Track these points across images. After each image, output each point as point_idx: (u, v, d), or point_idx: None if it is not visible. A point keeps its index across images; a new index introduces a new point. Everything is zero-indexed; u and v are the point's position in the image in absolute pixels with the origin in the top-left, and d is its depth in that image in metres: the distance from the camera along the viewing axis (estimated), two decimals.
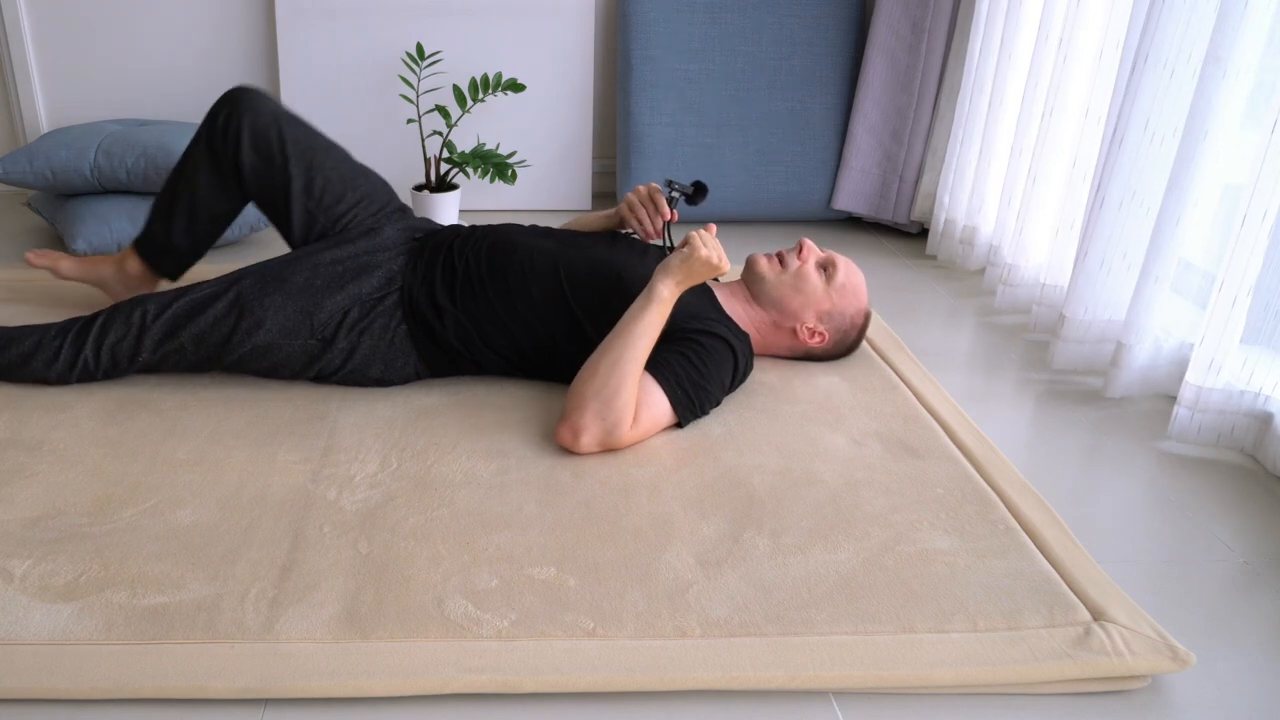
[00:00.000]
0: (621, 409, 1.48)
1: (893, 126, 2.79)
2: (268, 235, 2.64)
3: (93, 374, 1.65)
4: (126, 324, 1.62)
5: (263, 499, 1.36)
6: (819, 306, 1.77)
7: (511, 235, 1.73)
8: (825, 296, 1.77)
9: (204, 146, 1.79)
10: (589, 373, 1.51)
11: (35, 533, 1.27)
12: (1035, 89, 2.19)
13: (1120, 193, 1.82)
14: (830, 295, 1.77)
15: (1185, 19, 1.68)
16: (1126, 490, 1.53)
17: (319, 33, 2.78)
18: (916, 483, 1.48)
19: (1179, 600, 1.27)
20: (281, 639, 1.10)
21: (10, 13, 2.73)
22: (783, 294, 1.75)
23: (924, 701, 1.09)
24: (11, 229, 2.61)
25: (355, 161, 1.85)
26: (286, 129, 1.77)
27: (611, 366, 1.49)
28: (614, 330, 1.54)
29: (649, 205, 1.75)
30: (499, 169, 2.59)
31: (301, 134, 1.79)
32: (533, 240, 1.73)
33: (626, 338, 1.51)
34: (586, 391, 1.49)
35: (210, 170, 1.79)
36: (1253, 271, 1.57)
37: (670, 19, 2.79)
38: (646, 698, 1.07)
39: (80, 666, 1.05)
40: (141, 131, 2.44)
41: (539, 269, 1.67)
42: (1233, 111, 1.64)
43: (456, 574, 1.22)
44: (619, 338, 1.52)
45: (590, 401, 1.48)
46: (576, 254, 1.69)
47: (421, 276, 1.69)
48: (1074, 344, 1.93)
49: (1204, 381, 1.65)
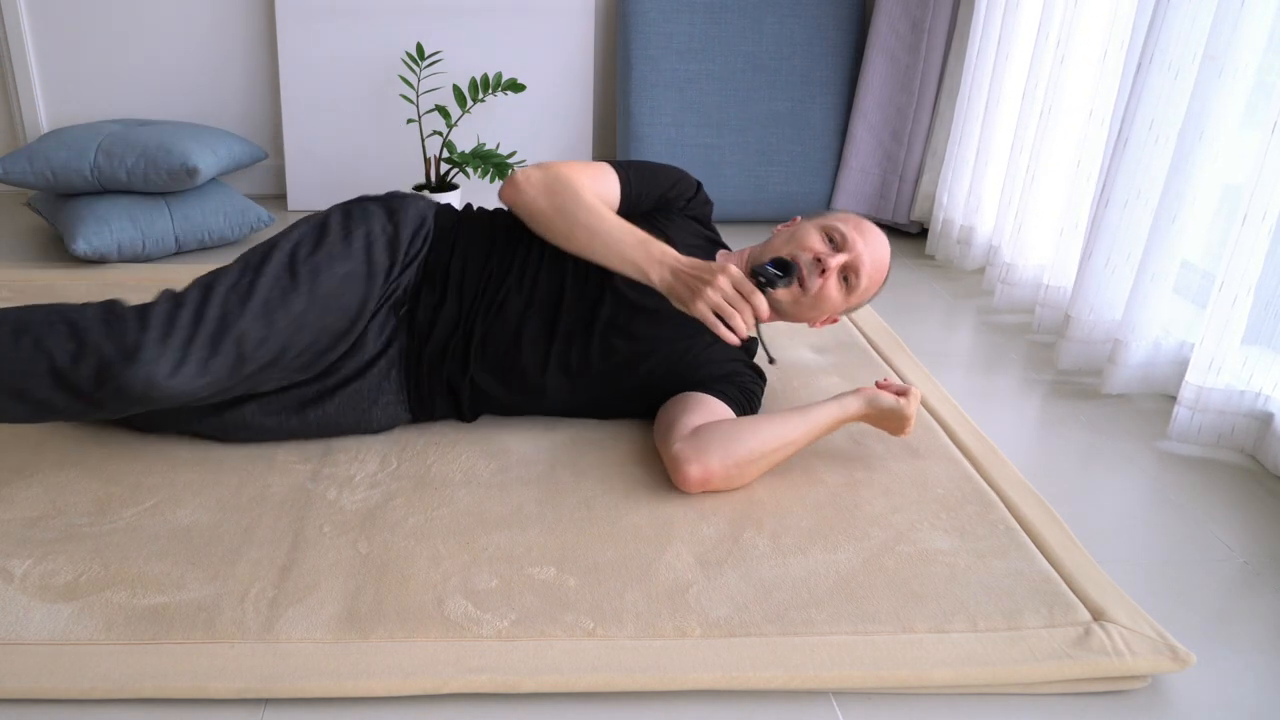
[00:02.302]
0: (749, 477, 1.43)
1: (893, 126, 2.79)
2: (268, 235, 2.64)
3: None
4: None
5: (263, 499, 1.36)
6: (835, 311, 1.62)
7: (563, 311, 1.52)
8: (843, 303, 1.59)
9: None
10: (741, 432, 1.42)
11: (35, 533, 1.27)
12: (1034, 89, 2.19)
13: (1125, 193, 1.82)
14: (849, 301, 1.59)
15: (1189, 19, 1.68)
16: (1126, 490, 1.53)
17: (319, 33, 2.78)
18: (916, 483, 1.47)
19: (1179, 600, 1.27)
20: (281, 639, 1.10)
21: (10, 13, 2.73)
22: (799, 313, 1.56)
23: (924, 701, 1.09)
24: (11, 229, 2.61)
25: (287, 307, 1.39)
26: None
27: (767, 444, 1.42)
28: (789, 417, 1.45)
29: (742, 306, 1.35)
30: (499, 169, 2.58)
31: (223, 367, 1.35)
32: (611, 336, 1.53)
33: (795, 433, 1.44)
34: (735, 450, 1.40)
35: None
36: (1253, 271, 1.57)
37: (670, 19, 2.79)
38: (646, 698, 1.07)
39: (80, 666, 1.05)
40: (141, 131, 2.44)
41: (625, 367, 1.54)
42: (1234, 111, 1.64)
43: (456, 574, 1.22)
44: (789, 428, 1.44)
45: (734, 465, 1.40)
46: (658, 363, 1.55)
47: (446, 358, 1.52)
48: (1079, 344, 1.93)
49: (1204, 381, 1.65)
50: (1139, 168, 1.80)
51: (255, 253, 1.43)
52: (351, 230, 1.47)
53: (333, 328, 1.43)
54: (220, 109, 2.91)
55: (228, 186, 2.57)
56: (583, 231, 1.44)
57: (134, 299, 2.07)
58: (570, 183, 1.47)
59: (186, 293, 1.35)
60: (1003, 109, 2.34)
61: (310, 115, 2.83)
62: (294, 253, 1.42)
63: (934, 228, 2.63)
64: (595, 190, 1.50)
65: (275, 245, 1.44)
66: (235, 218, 2.48)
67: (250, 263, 1.41)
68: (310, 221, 1.49)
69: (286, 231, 1.48)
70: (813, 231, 1.53)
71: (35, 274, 2.23)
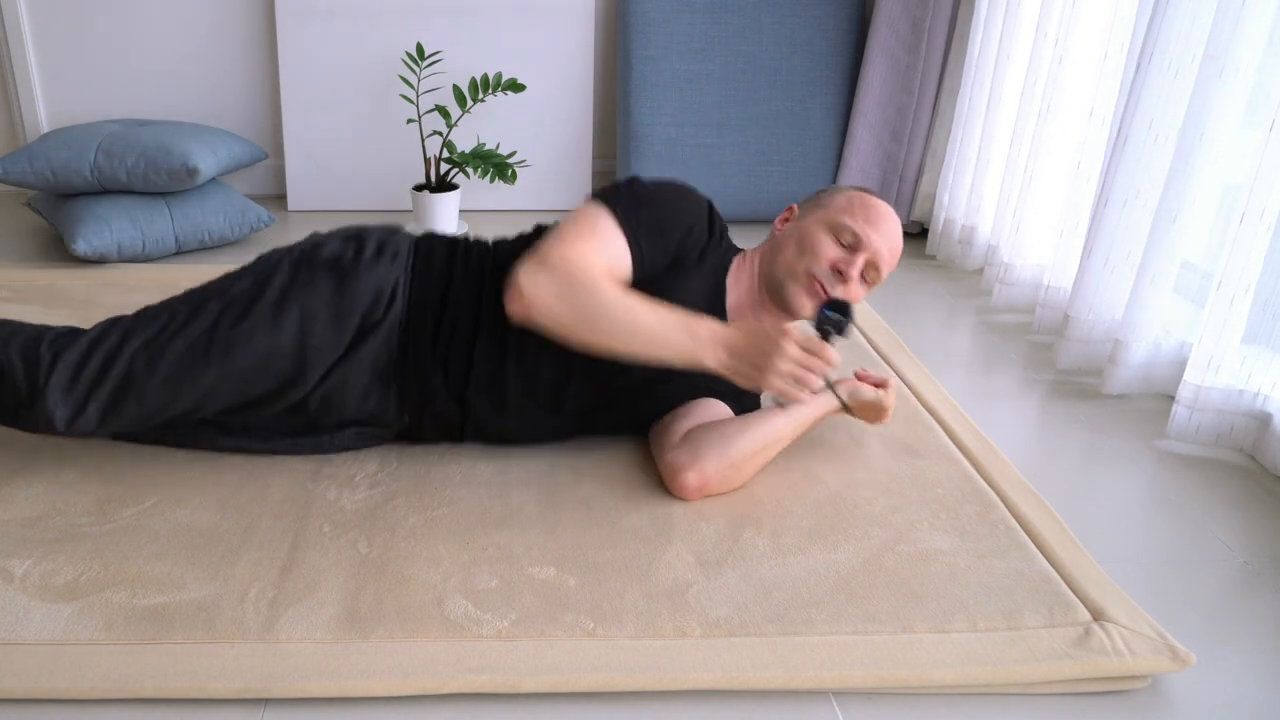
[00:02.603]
0: (744, 477, 1.41)
1: (893, 126, 2.79)
2: (268, 235, 2.64)
3: None
4: None
5: (263, 499, 1.36)
6: None
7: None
8: (862, 297, 1.50)
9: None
10: (732, 433, 1.38)
11: (35, 533, 1.27)
12: (1034, 89, 2.19)
13: (1124, 193, 1.82)
14: (868, 291, 1.50)
15: (1189, 19, 1.68)
16: (1126, 490, 1.53)
17: (319, 33, 2.78)
18: (916, 483, 1.47)
19: (1179, 600, 1.27)
20: (281, 639, 1.10)
21: (10, 13, 2.73)
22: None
23: (924, 701, 1.09)
24: (11, 229, 2.61)
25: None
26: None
27: (758, 442, 1.39)
28: (776, 414, 1.40)
29: (815, 364, 1.26)
30: (499, 169, 2.59)
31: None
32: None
33: (784, 430, 1.41)
34: (729, 452, 1.37)
35: None
36: (1251, 271, 1.57)
37: (670, 19, 2.79)
38: (646, 698, 1.07)
39: (80, 666, 1.05)
40: (141, 131, 2.44)
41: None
42: (1234, 111, 1.64)
43: (456, 574, 1.22)
44: (778, 425, 1.40)
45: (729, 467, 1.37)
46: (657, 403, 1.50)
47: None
48: (1079, 344, 1.93)
49: (1203, 381, 1.65)
50: (1138, 167, 1.80)
51: (193, 296, 1.36)
52: (287, 302, 1.33)
53: (264, 387, 1.35)
54: (220, 109, 2.91)
55: (228, 186, 2.57)
56: (618, 335, 1.27)
57: (133, 299, 2.07)
58: (585, 279, 1.27)
59: (106, 334, 1.31)
60: (1003, 108, 2.34)
61: (310, 115, 2.83)
62: (219, 318, 1.32)
63: (934, 227, 2.63)
64: (608, 270, 1.31)
65: (211, 295, 1.35)
66: (235, 218, 2.48)
67: (177, 314, 1.33)
68: (257, 271, 1.38)
69: (236, 275, 1.38)
70: (822, 236, 1.43)
71: (35, 274, 2.23)
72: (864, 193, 1.48)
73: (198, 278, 2.24)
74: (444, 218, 2.64)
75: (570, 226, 1.33)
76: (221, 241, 2.49)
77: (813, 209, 1.50)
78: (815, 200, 1.52)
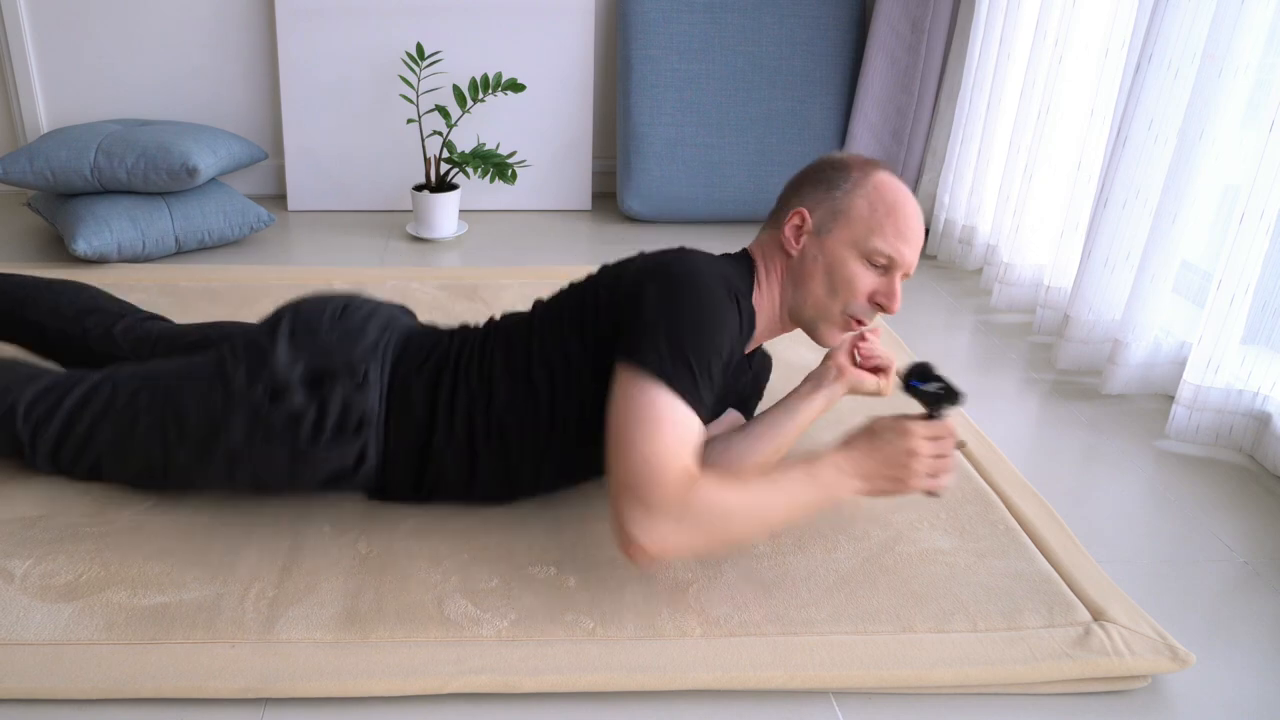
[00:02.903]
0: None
1: (893, 126, 2.79)
2: (268, 235, 2.64)
3: None
4: None
5: (263, 499, 1.36)
6: None
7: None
8: None
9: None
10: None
11: (35, 533, 1.27)
12: (1034, 89, 2.19)
13: (1124, 192, 1.82)
14: None
15: (1189, 18, 1.68)
16: (1126, 490, 1.53)
17: (319, 33, 2.78)
18: None
19: (1179, 600, 1.27)
20: (282, 639, 1.10)
21: (10, 13, 2.73)
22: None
23: (924, 701, 1.09)
24: (11, 229, 2.61)
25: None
26: None
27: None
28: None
29: (946, 450, 1.20)
30: (499, 169, 2.59)
31: None
32: None
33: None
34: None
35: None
36: (1251, 271, 1.57)
37: (670, 19, 2.79)
38: (646, 698, 1.07)
39: (81, 666, 1.05)
40: (141, 131, 2.44)
41: None
42: (1234, 111, 1.64)
43: (456, 573, 1.22)
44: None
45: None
46: None
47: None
48: (1079, 344, 1.93)
49: (1202, 380, 1.65)
50: (1138, 167, 1.79)
51: (155, 399, 1.28)
52: (240, 463, 1.26)
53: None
54: (220, 109, 2.91)
55: (228, 186, 2.57)
56: (756, 530, 1.17)
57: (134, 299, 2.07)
58: (697, 503, 1.07)
59: (79, 416, 1.29)
60: (1003, 108, 2.34)
61: (310, 115, 2.83)
62: (176, 449, 1.27)
63: (935, 228, 2.63)
64: (695, 450, 1.11)
65: (170, 407, 1.26)
66: (235, 218, 2.49)
67: (137, 423, 1.28)
68: (209, 408, 1.25)
69: (196, 380, 1.28)
70: (854, 267, 1.27)
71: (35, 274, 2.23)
72: (882, 180, 1.29)
73: (198, 278, 2.25)
74: (444, 218, 2.64)
75: (637, 430, 1.09)
76: (222, 241, 2.49)
77: (831, 219, 1.29)
78: (828, 198, 1.29)
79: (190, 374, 1.30)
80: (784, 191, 1.38)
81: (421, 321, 1.46)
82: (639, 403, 1.10)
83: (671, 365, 1.11)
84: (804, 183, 1.34)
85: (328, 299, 1.37)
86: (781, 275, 1.33)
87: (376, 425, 1.27)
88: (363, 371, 1.27)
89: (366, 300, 1.39)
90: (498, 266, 2.45)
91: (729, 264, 1.30)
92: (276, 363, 1.25)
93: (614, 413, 1.12)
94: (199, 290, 2.17)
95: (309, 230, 2.72)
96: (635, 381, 1.11)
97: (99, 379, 1.32)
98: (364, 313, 1.34)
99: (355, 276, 2.29)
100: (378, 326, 1.33)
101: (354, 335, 1.30)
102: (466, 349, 1.31)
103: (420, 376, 1.29)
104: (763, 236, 1.36)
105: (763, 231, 1.38)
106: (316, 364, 1.26)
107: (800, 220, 1.30)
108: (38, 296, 1.59)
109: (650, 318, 1.14)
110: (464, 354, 1.31)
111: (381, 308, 1.38)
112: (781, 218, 1.33)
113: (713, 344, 1.14)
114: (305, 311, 1.33)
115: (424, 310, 2.10)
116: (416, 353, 1.32)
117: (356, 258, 2.49)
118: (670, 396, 1.10)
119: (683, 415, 1.10)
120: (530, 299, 2.16)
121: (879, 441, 1.17)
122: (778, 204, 1.37)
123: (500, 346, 1.29)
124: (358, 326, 1.31)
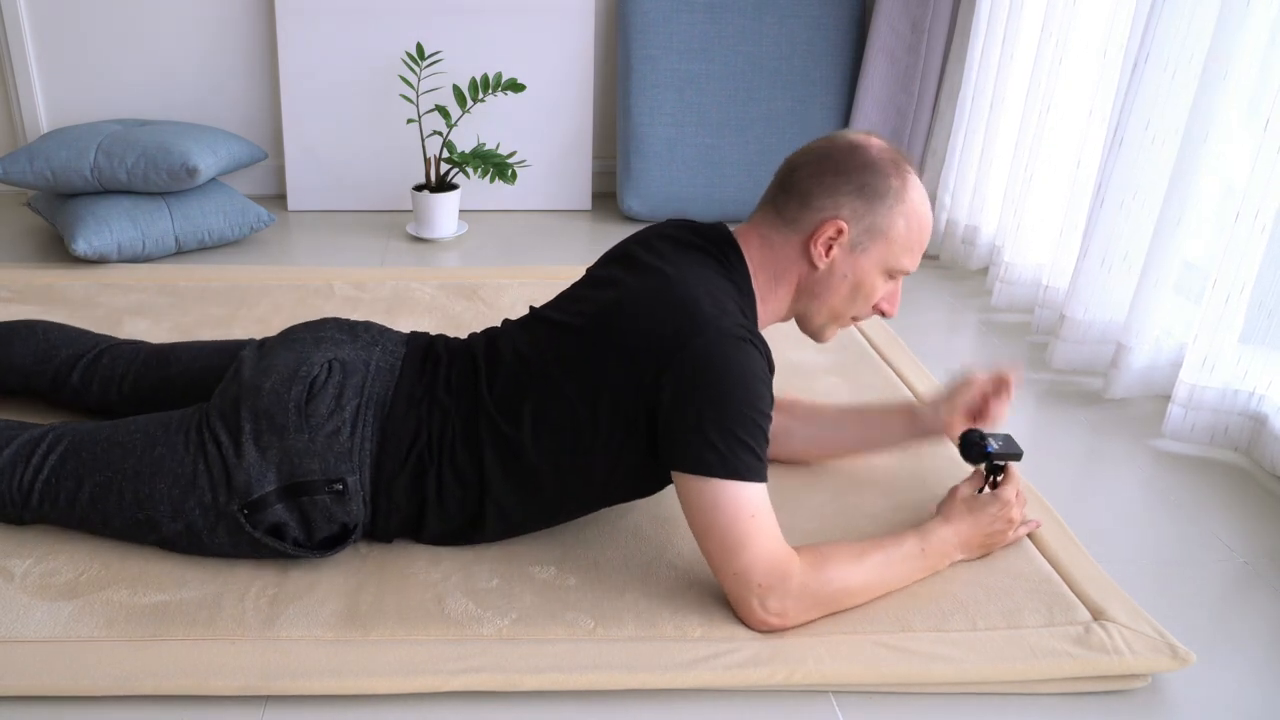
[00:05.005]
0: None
1: (893, 126, 2.79)
2: (268, 235, 2.64)
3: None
4: None
5: None
6: None
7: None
8: None
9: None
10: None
11: (35, 533, 1.27)
12: (1034, 88, 2.19)
13: (1121, 193, 1.82)
14: None
15: (1186, 19, 1.68)
16: (1125, 490, 1.53)
17: (319, 33, 2.78)
18: (916, 483, 1.48)
19: (1179, 600, 1.27)
20: (282, 636, 1.10)
21: (10, 13, 2.73)
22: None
23: (924, 701, 1.09)
24: (11, 229, 2.61)
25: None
26: None
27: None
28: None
29: (1023, 502, 1.33)
30: (499, 169, 2.59)
31: None
32: None
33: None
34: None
35: None
36: (1248, 271, 1.58)
37: (670, 19, 2.79)
38: (646, 697, 1.07)
39: (81, 663, 1.05)
40: (141, 131, 2.45)
41: None
42: (1232, 112, 1.64)
43: (457, 572, 1.22)
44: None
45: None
46: None
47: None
48: (1074, 344, 1.93)
49: (1198, 380, 1.65)
50: (1135, 167, 1.80)
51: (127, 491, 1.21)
52: (219, 554, 1.23)
53: None
54: (220, 109, 2.91)
55: (228, 186, 2.57)
56: (873, 598, 1.20)
57: (133, 299, 2.07)
58: (810, 585, 1.13)
59: (60, 489, 1.22)
60: (1004, 108, 2.34)
61: (310, 115, 2.83)
62: (146, 533, 1.23)
63: (937, 228, 2.63)
64: (775, 519, 1.14)
65: (142, 502, 1.20)
66: (235, 218, 2.49)
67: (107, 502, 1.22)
68: (187, 515, 1.19)
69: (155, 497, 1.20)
70: (878, 281, 1.24)
71: (35, 274, 2.23)
72: (916, 194, 1.21)
73: (198, 278, 2.25)
74: (444, 218, 2.64)
75: (730, 534, 1.11)
76: (222, 241, 2.49)
77: (868, 237, 1.20)
78: (869, 213, 1.19)
79: (159, 470, 1.20)
80: (801, 177, 1.21)
81: (403, 343, 1.32)
82: (725, 511, 1.10)
83: (734, 457, 1.10)
84: (838, 182, 1.19)
85: (291, 377, 1.22)
86: (798, 284, 1.24)
87: (364, 523, 1.23)
88: (340, 484, 1.19)
89: (333, 358, 1.25)
90: (498, 266, 2.45)
91: (717, 279, 1.20)
92: (249, 479, 1.18)
93: (700, 522, 1.13)
94: (199, 290, 2.17)
95: (309, 230, 2.72)
96: (709, 490, 1.11)
97: (58, 460, 1.23)
98: (332, 392, 1.21)
99: (355, 276, 2.29)
100: (350, 411, 1.21)
101: (326, 432, 1.19)
102: (450, 428, 1.21)
103: (404, 473, 1.21)
104: (767, 230, 1.23)
105: (765, 219, 1.24)
106: (289, 472, 1.18)
107: (836, 233, 1.19)
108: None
109: (692, 420, 1.10)
110: (447, 435, 1.21)
111: (350, 368, 1.24)
112: (804, 218, 1.20)
113: (757, 410, 1.12)
114: (267, 403, 1.20)
115: (424, 310, 2.10)
116: (397, 445, 1.21)
117: (356, 258, 2.49)
118: (744, 488, 1.11)
119: (760, 498, 1.12)
120: (530, 299, 2.17)
121: (980, 515, 1.28)
122: (794, 192, 1.21)
123: (487, 428, 1.20)
124: (326, 415, 1.20)
